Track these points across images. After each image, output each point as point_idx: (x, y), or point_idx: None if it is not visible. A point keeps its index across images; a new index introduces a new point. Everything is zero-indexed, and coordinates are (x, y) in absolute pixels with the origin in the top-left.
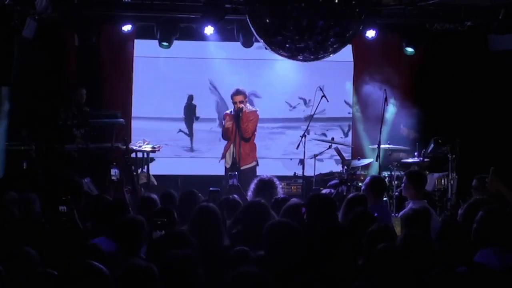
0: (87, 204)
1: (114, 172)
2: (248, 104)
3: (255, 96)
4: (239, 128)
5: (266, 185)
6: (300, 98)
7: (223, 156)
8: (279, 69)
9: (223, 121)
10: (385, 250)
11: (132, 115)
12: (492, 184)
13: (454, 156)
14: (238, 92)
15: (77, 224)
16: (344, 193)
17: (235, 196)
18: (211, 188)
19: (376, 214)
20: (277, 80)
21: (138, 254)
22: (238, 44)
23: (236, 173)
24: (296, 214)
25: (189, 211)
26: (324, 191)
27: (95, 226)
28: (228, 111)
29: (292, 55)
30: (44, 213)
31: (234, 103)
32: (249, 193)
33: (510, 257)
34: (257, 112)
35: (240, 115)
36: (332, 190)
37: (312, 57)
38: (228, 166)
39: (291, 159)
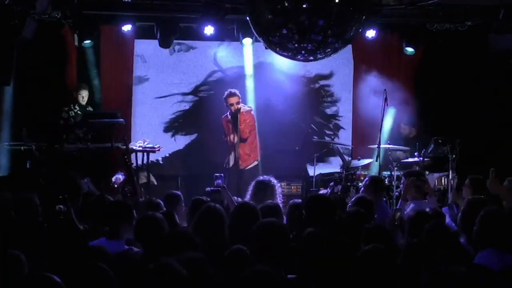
0: (88, 204)
1: (115, 178)
2: (242, 104)
3: None
4: (236, 129)
5: (262, 186)
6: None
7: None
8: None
9: (224, 127)
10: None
11: (132, 115)
12: (493, 185)
13: (454, 156)
14: (231, 94)
15: (74, 223)
16: (339, 193)
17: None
18: (211, 188)
19: (376, 215)
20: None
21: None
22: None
23: (222, 174)
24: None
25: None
26: (322, 191)
27: (94, 226)
28: (224, 116)
29: (292, 55)
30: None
31: (231, 105)
32: (248, 195)
33: (509, 258)
34: (252, 112)
35: (238, 116)
36: (327, 190)
37: (311, 57)
38: (228, 167)
39: (297, 148)
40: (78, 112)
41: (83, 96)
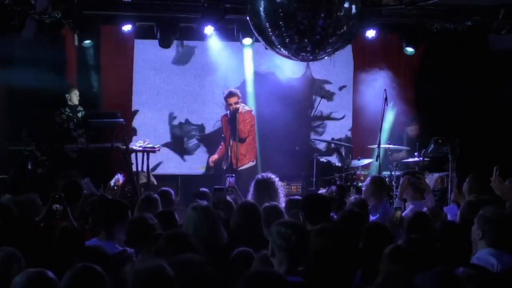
0: (88, 204)
1: (115, 178)
2: (243, 104)
3: None
4: (235, 128)
5: (263, 184)
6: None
7: (220, 158)
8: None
9: (222, 126)
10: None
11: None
12: (497, 184)
13: (454, 156)
14: (231, 94)
15: (71, 222)
16: (334, 193)
17: (228, 197)
18: (215, 186)
19: (378, 215)
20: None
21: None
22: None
23: (234, 174)
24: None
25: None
26: (321, 191)
27: (94, 226)
28: (223, 114)
29: (292, 55)
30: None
31: (229, 105)
32: (249, 193)
33: (508, 258)
34: (252, 112)
35: (237, 115)
36: (324, 190)
37: (311, 57)
38: (224, 167)
39: (296, 148)
40: (70, 114)
41: (76, 96)
